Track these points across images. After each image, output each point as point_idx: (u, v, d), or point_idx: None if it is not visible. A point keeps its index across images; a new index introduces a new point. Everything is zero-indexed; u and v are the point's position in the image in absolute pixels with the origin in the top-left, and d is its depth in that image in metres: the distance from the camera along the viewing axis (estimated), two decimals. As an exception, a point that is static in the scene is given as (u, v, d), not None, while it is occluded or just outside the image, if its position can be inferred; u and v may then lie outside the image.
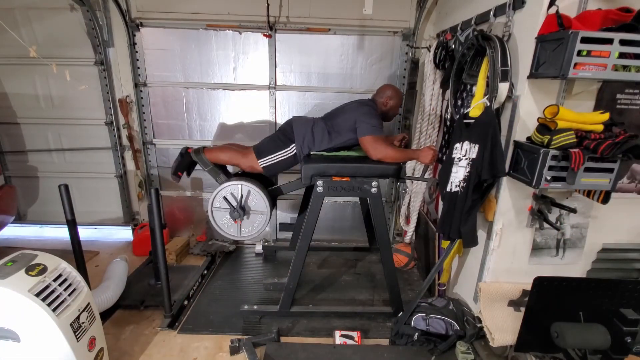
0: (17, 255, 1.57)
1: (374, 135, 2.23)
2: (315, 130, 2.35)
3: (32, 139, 3.31)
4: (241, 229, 2.39)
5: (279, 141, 2.39)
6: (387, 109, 2.48)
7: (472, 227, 1.90)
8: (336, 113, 2.45)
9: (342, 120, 2.34)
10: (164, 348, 2.11)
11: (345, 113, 2.37)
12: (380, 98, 2.48)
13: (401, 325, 2.12)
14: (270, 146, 2.39)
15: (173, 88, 3.17)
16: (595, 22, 1.49)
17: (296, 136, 2.34)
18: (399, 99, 2.52)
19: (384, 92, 2.49)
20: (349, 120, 2.31)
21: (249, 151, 2.40)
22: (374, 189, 2.17)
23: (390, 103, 2.48)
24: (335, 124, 2.36)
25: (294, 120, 2.43)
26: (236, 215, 2.32)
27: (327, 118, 2.46)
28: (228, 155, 2.43)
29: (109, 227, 3.61)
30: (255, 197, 2.33)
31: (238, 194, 2.31)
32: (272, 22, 2.91)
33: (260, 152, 2.37)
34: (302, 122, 2.40)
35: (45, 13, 2.94)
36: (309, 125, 2.37)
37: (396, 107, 2.52)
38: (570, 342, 1.54)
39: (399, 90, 2.53)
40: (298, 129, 2.36)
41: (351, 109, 2.38)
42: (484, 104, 1.78)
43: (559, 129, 1.58)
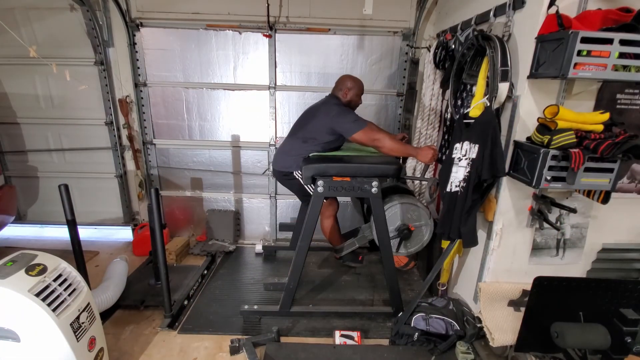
0: (17, 255, 1.57)
1: (362, 128, 2.24)
2: (289, 150, 2.43)
3: (32, 139, 3.31)
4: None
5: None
6: (348, 100, 2.47)
7: (472, 227, 1.90)
8: (304, 121, 2.47)
9: (314, 126, 2.38)
10: (164, 348, 2.11)
11: (314, 118, 2.40)
12: (339, 91, 2.48)
13: (401, 325, 2.12)
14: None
15: (173, 88, 3.17)
16: (595, 22, 1.49)
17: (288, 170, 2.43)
18: (359, 88, 2.49)
19: (343, 84, 2.47)
20: (321, 125, 2.34)
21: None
22: (374, 189, 2.17)
23: (351, 94, 2.46)
24: (307, 132, 2.39)
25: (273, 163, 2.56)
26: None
27: (293, 132, 2.50)
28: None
29: (109, 227, 3.61)
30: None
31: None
32: (272, 22, 2.92)
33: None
34: (280, 157, 2.49)
35: (45, 13, 2.94)
36: (285, 153, 2.45)
37: (357, 98, 2.51)
38: (570, 342, 1.54)
39: (357, 80, 2.50)
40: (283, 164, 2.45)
41: (320, 112, 2.40)
42: (484, 104, 1.78)
43: (559, 129, 1.58)
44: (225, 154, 3.35)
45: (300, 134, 2.41)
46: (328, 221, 2.61)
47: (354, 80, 2.48)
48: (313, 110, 2.48)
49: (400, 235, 2.34)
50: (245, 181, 3.43)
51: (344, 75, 2.54)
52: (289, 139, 2.50)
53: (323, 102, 2.49)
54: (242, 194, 3.47)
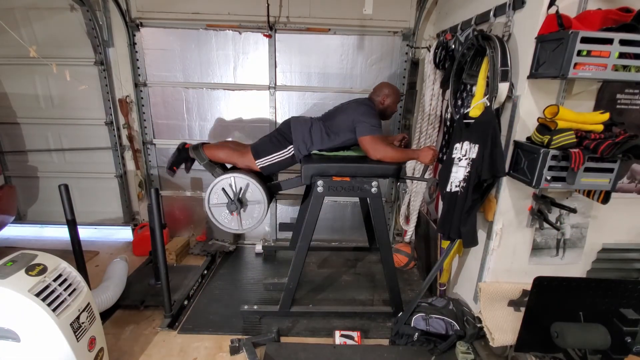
0: (17, 255, 1.57)
1: (373, 135, 2.23)
2: (313, 131, 2.35)
3: (32, 139, 3.31)
4: (242, 222, 2.39)
5: (276, 142, 2.39)
6: (384, 107, 2.47)
7: (472, 227, 1.90)
8: (334, 113, 2.44)
9: (340, 121, 2.34)
10: (164, 348, 2.11)
11: (343, 113, 2.37)
12: (377, 97, 2.48)
13: (401, 325, 2.12)
14: (268, 147, 2.39)
15: (173, 88, 3.17)
16: (595, 22, 1.49)
17: (294, 138, 2.34)
18: (396, 97, 2.50)
19: (380, 91, 2.48)
20: (347, 121, 2.31)
21: (247, 150, 2.40)
22: (374, 189, 2.17)
23: (388, 101, 2.46)
24: (334, 124, 2.36)
25: (292, 121, 2.43)
26: (233, 208, 2.32)
27: (324, 118, 2.45)
28: (226, 154, 2.43)
29: (109, 227, 3.62)
30: (250, 188, 2.33)
31: (234, 186, 2.31)
32: (272, 22, 2.91)
33: (257, 152, 2.37)
34: (300, 123, 2.39)
35: (45, 13, 2.94)
36: (307, 126, 2.37)
37: (394, 105, 2.51)
38: (570, 342, 1.54)
39: (395, 88, 2.51)
40: (296, 131, 2.36)
41: (349, 108, 2.38)
42: (484, 104, 1.78)
43: (559, 129, 1.58)
44: (225, 154, 3.35)
45: (327, 124, 2.38)
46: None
47: (393, 88, 2.49)
48: (345, 105, 2.46)
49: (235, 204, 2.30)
50: (245, 181, 3.43)
51: (383, 82, 2.56)
52: (317, 122, 2.41)
53: (357, 100, 2.48)
54: (242, 194, 3.46)
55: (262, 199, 2.34)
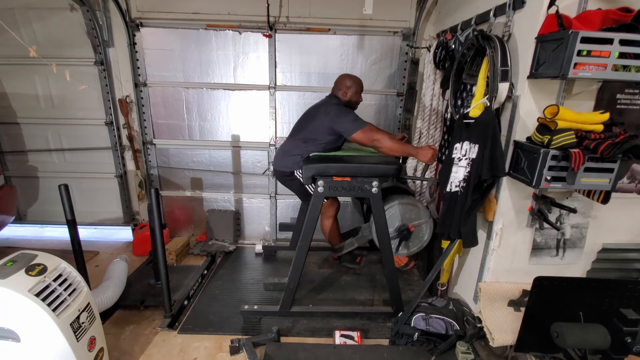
0: (17, 255, 1.57)
1: (361, 128, 2.24)
2: (289, 150, 2.42)
3: (32, 139, 3.31)
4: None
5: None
6: (348, 99, 2.47)
7: (472, 227, 1.90)
8: (304, 122, 2.47)
9: (314, 127, 2.37)
10: (164, 348, 2.11)
11: (314, 119, 2.40)
12: (339, 90, 2.48)
13: (401, 325, 2.12)
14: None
15: (173, 88, 3.17)
16: (595, 22, 1.49)
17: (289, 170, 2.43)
18: (358, 87, 2.50)
19: (341, 84, 2.48)
20: (321, 126, 2.34)
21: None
22: (375, 189, 2.17)
23: (350, 93, 2.46)
24: (307, 132, 2.39)
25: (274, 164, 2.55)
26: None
27: (294, 133, 2.50)
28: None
29: (109, 227, 3.62)
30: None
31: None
32: (272, 22, 2.91)
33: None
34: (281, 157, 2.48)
35: (45, 13, 2.94)
36: (286, 153, 2.45)
37: (357, 95, 2.51)
38: (570, 342, 1.54)
39: (356, 78, 2.50)
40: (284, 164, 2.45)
41: (319, 113, 2.40)
42: (484, 104, 1.78)
43: (559, 129, 1.58)
44: (225, 154, 3.35)
45: (301, 135, 2.41)
46: (328, 221, 2.61)
47: (352, 78, 2.48)
48: (313, 111, 2.48)
49: (400, 235, 2.34)
50: (245, 181, 3.43)
51: (342, 74, 2.54)
52: (289, 140, 2.51)
53: (323, 103, 2.49)
54: (242, 194, 3.47)
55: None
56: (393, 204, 2.34)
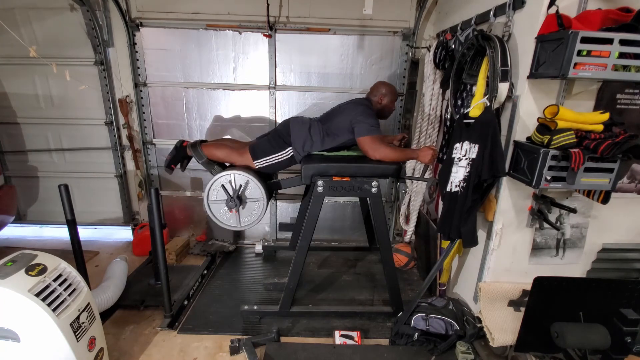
0: (17, 255, 1.57)
1: (372, 135, 2.23)
2: (312, 132, 2.35)
3: (32, 139, 3.31)
4: (240, 219, 2.38)
5: (274, 143, 2.38)
6: (382, 107, 2.48)
7: (472, 227, 1.90)
8: (332, 114, 2.44)
9: (338, 122, 2.34)
10: (164, 348, 2.11)
11: (341, 114, 2.36)
12: (374, 96, 2.48)
13: (401, 325, 2.12)
14: (267, 147, 2.38)
15: (173, 88, 3.17)
16: (595, 22, 1.49)
17: (293, 139, 2.33)
18: (394, 95, 2.50)
19: (378, 90, 2.48)
20: (345, 122, 2.31)
21: (245, 150, 2.39)
22: (374, 189, 2.17)
23: (385, 100, 2.46)
24: (332, 125, 2.36)
25: (291, 122, 2.41)
26: (232, 205, 2.29)
27: (323, 120, 2.45)
28: (224, 152, 2.42)
29: (109, 227, 3.61)
30: (250, 186, 2.32)
31: (233, 183, 2.30)
32: (272, 22, 2.91)
33: (256, 153, 2.37)
34: (299, 125, 2.38)
35: (45, 13, 2.94)
36: (306, 127, 2.36)
37: (391, 104, 2.51)
38: (570, 342, 1.54)
39: (393, 87, 2.51)
40: (295, 132, 2.35)
41: (347, 109, 2.37)
42: (484, 103, 1.78)
43: (559, 128, 1.58)
44: (225, 154, 3.35)
45: (326, 125, 2.38)
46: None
47: (389, 86, 2.49)
48: (343, 105, 2.46)
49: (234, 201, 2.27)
50: (245, 181, 3.43)
51: (379, 81, 2.56)
52: (316, 123, 2.40)
53: (356, 100, 2.48)
54: (242, 194, 3.46)
55: (261, 196, 2.33)
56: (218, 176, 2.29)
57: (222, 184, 2.28)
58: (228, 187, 2.29)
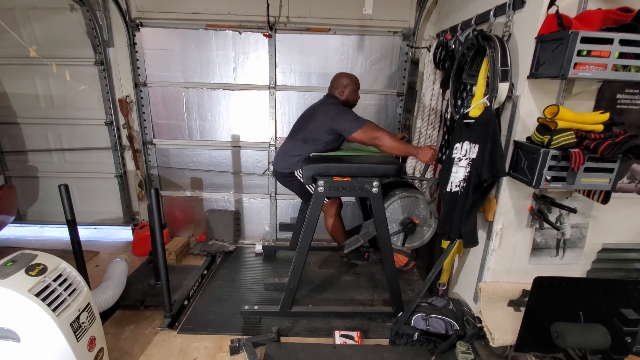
0: (17, 255, 1.57)
1: (361, 127, 2.23)
2: (288, 150, 2.42)
3: (32, 139, 3.31)
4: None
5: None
6: (345, 98, 2.46)
7: (473, 227, 1.90)
8: (303, 123, 2.47)
9: (313, 127, 2.37)
10: (164, 348, 2.11)
11: (314, 119, 2.39)
12: (335, 89, 2.47)
13: (401, 325, 2.12)
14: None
15: (173, 88, 3.17)
16: (595, 22, 1.49)
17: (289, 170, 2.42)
18: (355, 85, 2.49)
19: (338, 82, 2.47)
20: (320, 126, 2.34)
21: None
22: (375, 189, 2.17)
23: (347, 91, 2.45)
24: (308, 132, 2.38)
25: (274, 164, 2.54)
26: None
27: (293, 134, 2.50)
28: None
29: (109, 227, 3.61)
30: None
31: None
32: (272, 22, 2.91)
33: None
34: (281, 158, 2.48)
35: (45, 13, 2.94)
36: (286, 154, 2.44)
37: (354, 94, 2.50)
38: (570, 342, 1.54)
39: (353, 76, 2.49)
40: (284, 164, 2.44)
41: (318, 113, 2.39)
42: (484, 104, 1.78)
43: (559, 129, 1.58)
44: (225, 154, 3.35)
45: (300, 135, 2.41)
46: (331, 220, 2.61)
47: (348, 76, 2.47)
48: (312, 111, 2.48)
49: (405, 229, 2.32)
50: (245, 181, 3.43)
51: (337, 73, 2.53)
52: (289, 140, 2.50)
53: (321, 103, 2.49)
54: (242, 194, 3.47)
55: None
56: (394, 199, 2.32)
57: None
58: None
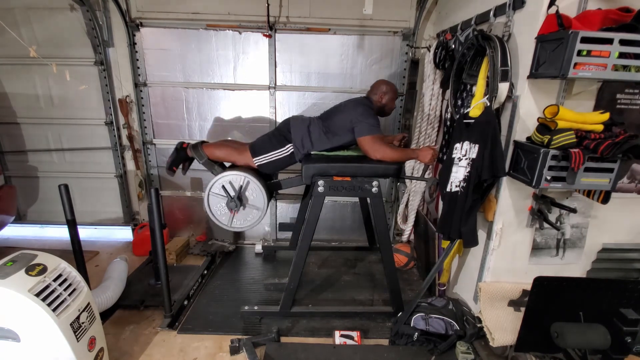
0: (17, 255, 1.57)
1: (372, 135, 2.23)
2: (312, 130, 2.35)
3: (32, 139, 3.31)
4: (233, 220, 2.37)
5: (275, 140, 2.39)
6: (382, 105, 2.48)
7: (473, 227, 1.90)
8: (332, 113, 2.44)
9: (338, 120, 2.34)
10: (164, 348, 2.11)
11: (341, 113, 2.36)
12: (374, 95, 2.48)
13: (401, 325, 2.12)
14: (266, 145, 2.39)
15: (173, 88, 3.17)
16: (595, 22, 1.49)
17: (294, 137, 2.34)
18: (394, 94, 2.50)
19: (378, 88, 2.48)
20: (345, 121, 2.31)
21: (245, 148, 2.40)
22: (375, 189, 2.17)
23: (386, 98, 2.46)
24: (332, 124, 2.36)
25: (292, 120, 2.43)
26: (232, 206, 2.29)
27: (323, 118, 2.45)
28: (224, 152, 2.43)
29: (109, 227, 3.61)
30: (255, 191, 2.31)
31: (238, 184, 2.29)
32: (272, 22, 2.91)
33: (255, 150, 2.37)
34: (299, 122, 2.39)
35: (45, 13, 2.94)
36: (305, 125, 2.37)
37: (392, 102, 2.51)
38: (570, 342, 1.54)
39: (393, 85, 2.51)
40: (295, 130, 2.35)
41: (347, 108, 2.37)
42: (484, 103, 1.78)
43: (559, 128, 1.58)
44: (225, 154, 3.35)
45: (326, 123, 2.38)
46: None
47: (389, 84, 2.49)
48: (344, 104, 2.45)
49: (235, 202, 2.27)
50: (245, 181, 3.43)
51: (379, 79, 2.55)
52: (317, 121, 2.41)
53: (356, 99, 2.47)
54: (242, 194, 3.46)
55: (262, 206, 2.34)
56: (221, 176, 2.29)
57: (222, 184, 2.28)
58: (230, 189, 2.29)
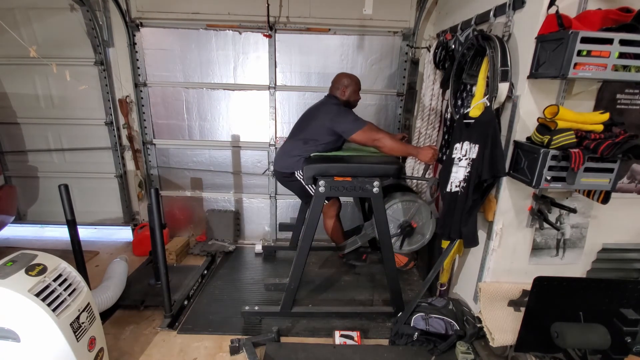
0: (17, 255, 1.57)
1: (361, 128, 2.24)
2: (293, 152, 2.40)
3: (32, 139, 3.31)
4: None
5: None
6: (347, 98, 2.47)
7: (473, 227, 1.90)
8: (304, 124, 2.47)
9: (313, 128, 2.37)
10: (164, 348, 2.11)
11: (314, 119, 2.39)
12: (337, 90, 2.47)
13: (401, 325, 2.12)
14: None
15: (173, 88, 3.17)
16: (595, 22, 1.49)
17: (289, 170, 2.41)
18: (357, 85, 2.49)
19: (339, 83, 2.47)
20: (321, 127, 2.34)
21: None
22: (376, 189, 2.17)
23: (348, 92, 2.46)
24: (308, 133, 2.38)
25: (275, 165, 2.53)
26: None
27: (294, 134, 2.49)
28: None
29: (109, 227, 3.62)
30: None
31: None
32: (272, 22, 2.91)
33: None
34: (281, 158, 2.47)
35: (45, 13, 2.94)
36: (286, 154, 2.43)
37: (356, 94, 2.50)
38: (570, 342, 1.54)
39: (354, 77, 2.49)
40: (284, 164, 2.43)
41: (318, 114, 2.39)
42: (484, 104, 1.78)
43: (559, 129, 1.58)
44: (225, 154, 3.35)
45: (301, 136, 2.41)
46: (331, 221, 2.61)
47: (350, 76, 2.47)
48: (312, 111, 2.48)
49: (403, 232, 2.34)
50: (245, 181, 3.43)
51: (339, 73, 2.53)
52: (290, 140, 2.50)
53: (322, 103, 2.49)
54: (242, 194, 3.47)
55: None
56: (395, 201, 2.34)
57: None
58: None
